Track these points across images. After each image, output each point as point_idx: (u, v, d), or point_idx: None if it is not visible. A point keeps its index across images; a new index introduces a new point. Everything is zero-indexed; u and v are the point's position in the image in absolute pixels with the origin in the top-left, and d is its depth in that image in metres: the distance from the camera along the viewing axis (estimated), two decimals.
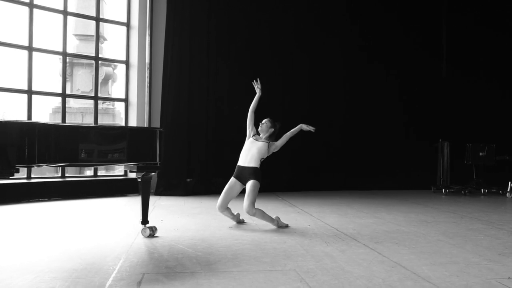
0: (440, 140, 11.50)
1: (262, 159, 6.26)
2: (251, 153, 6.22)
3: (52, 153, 4.23)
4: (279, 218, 6.17)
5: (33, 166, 4.21)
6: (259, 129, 6.41)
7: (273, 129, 6.38)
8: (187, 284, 3.51)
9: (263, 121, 6.40)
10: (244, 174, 6.15)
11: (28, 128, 4.08)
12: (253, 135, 6.39)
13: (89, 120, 12.78)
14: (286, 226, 6.15)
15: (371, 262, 4.25)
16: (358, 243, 5.09)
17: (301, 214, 7.35)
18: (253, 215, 5.92)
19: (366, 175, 11.71)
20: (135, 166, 5.28)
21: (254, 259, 4.32)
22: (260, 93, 6.55)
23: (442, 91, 12.40)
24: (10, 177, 4.23)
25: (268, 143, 6.27)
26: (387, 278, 3.73)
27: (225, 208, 6.23)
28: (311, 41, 11.57)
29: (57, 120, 11.43)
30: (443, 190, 11.02)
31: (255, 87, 6.62)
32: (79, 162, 4.54)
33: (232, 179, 6.28)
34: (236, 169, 6.31)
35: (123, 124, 10.99)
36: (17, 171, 4.13)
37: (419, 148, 12.03)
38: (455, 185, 11.22)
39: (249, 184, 6.03)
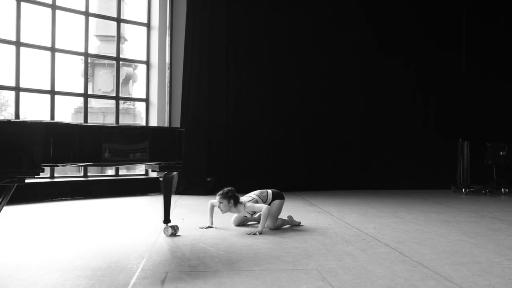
0: (460, 139, 11.40)
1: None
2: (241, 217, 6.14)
3: (76, 152, 4.29)
4: (291, 217, 6.19)
5: (58, 166, 4.27)
6: (221, 211, 5.85)
7: (231, 200, 5.79)
8: (210, 282, 3.54)
9: (217, 199, 5.82)
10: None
11: (53, 128, 4.14)
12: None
13: (110, 120, 12.91)
14: (299, 224, 6.17)
15: (393, 261, 4.24)
16: (379, 243, 5.08)
17: (321, 213, 7.35)
18: (277, 227, 5.91)
19: (385, 175, 11.66)
20: (157, 165, 5.33)
21: (275, 258, 4.34)
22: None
23: (462, 89, 12.28)
24: (35, 177, 4.31)
25: (247, 213, 5.88)
26: (409, 278, 3.72)
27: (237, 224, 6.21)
28: (328, 38, 11.55)
29: (79, 120, 11.58)
30: (463, 189, 10.92)
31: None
32: (103, 162, 4.60)
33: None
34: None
35: (143, 123, 11.09)
36: (42, 171, 4.20)
37: (439, 147, 11.93)
38: (475, 185, 11.11)
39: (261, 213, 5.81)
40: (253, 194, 6.00)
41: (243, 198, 5.93)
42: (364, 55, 11.74)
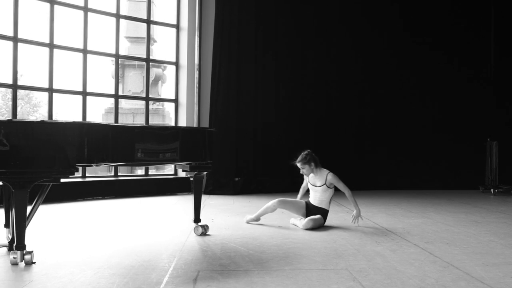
0: (489, 139, 11.26)
1: (332, 197, 6.23)
2: (318, 198, 6.19)
3: (110, 152, 4.38)
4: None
5: (91, 166, 4.36)
6: (304, 176, 6.29)
7: (313, 164, 6.13)
8: (242, 281, 3.58)
9: (299, 166, 6.13)
10: (313, 211, 6.16)
11: (87, 128, 4.23)
12: (308, 182, 6.30)
13: (139, 120, 13.07)
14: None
15: (423, 262, 4.23)
16: (408, 243, 5.06)
17: (349, 213, 7.33)
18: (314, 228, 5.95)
19: (413, 175, 11.58)
20: (188, 165, 5.40)
21: (305, 257, 4.36)
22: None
23: (490, 89, 12.12)
24: (70, 176, 4.41)
25: (325, 184, 6.12)
26: (440, 278, 3.71)
27: (274, 209, 6.25)
28: (360, 35, 11.56)
29: (110, 121, 11.74)
30: (492, 190, 10.78)
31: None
32: (135, 162, 4.67)
33: (303, 202, 6.29)
34: (307, 203, 6.29)
35: (172, 124, 11.21)
36: (77, 170, 4.30)
37: (467, 147, 11.83)
38: (504, 185, 10.97)
39: (316, 216, 6.03)
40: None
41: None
42: (391, 53, 11.71)
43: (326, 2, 11.35)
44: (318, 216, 6.03)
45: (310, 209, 6.19)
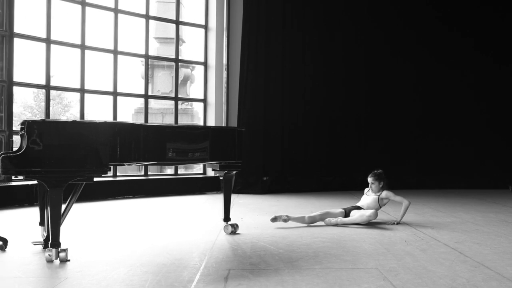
0: None
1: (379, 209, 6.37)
2: (366, 205, 6.35)
3: (142, 152, 4.45)
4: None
5: (124, 165, 4.43)
6: (371, 189, 6.48)
7: (382, 183, 6.40)
8: (272, 280, 3.61)
9: (370, 181, 6.44)
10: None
11: (119, 128, 4.31)
12: (367, 191, 6.54)
13: (168, 120, 13.18)
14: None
15: (453, 261, 4.20)
16: (438, 243, 5.03)
17: (380, 213, 7.30)
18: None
19: (441, 174, 11.46)
20: (218, 164, 5.45)
21: (335, 257, 4.37)
22: None
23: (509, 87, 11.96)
24: (103, 175, 4.49)
25: (378, 196, 6.33)
26: (471, 278, 3.69)
27: (311, 222, 6.25)
28: (393, 35, 11.52)
29: (140, 120, 11.88)
30: None
31: None
32: (166, 161, 4.74)
33: (341, 210, 6.33)
34: (345, 209, 6.35)
35: (201, 123, 11.30)
36: (110, 170, 4.38)
37: (495, 146, 11.67)
38: None
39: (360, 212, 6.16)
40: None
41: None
42: (437, 52, 11.68)
43: (356, 4, 11.32)
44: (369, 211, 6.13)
45: (348, 212, 6.26)
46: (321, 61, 11.02)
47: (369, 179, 6.42)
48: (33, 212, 6.82)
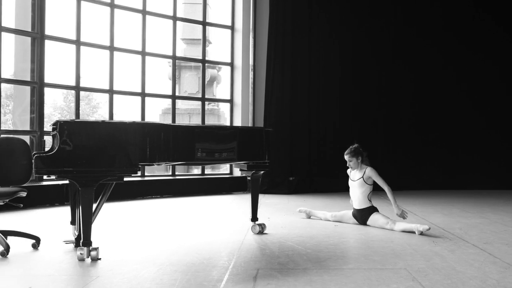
0: None
1: (370, 194, 6.08)
2: (356, 196, 6.12)
3: (171, 152, 4.50)
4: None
5: (153, 165, 4.48)
6: (349, 168, 6.22)
7: (360, 158, 6.09)
8: (301, 280, 3.62)
9: (346, 159, 6.11)
10: (360, 216, 6.13)
11: (149, 128, 4.36)
12: (349, 178, 6.27)
13: (195, 121, 13.28)
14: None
15: (483, 262, 4.17)
16: (466, 243, 4.99)
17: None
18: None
19: (468, 174, 11.33)
20: (245, 164, 5.48)
21: (363, 257, 4.36)
22: None
23: None
24: (134, 175, 4.55)
25: (362, 178, 6.02)
26: (501, 279, 3.65)
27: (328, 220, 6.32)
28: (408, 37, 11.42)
29: (167, 121, 11.98)
30: None
31: None
32: (195, 161, 4.78)
33: (350, 212, 6.27)
34: (353, 212, 6.25)
35: (227, 124, 11.35)
36: (139, 170, 4.44)
37: None
38: None
39: (373, 219, 6.01)
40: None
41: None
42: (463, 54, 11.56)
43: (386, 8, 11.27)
44: (375, 220, 5.98)
45: (356, 216, 6.17)
46: (347, 61, 10.99)
47: (346, 157, 6.08)
48: (64, 211, 6.94)
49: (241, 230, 5.70)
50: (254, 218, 5.58)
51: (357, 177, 6.07)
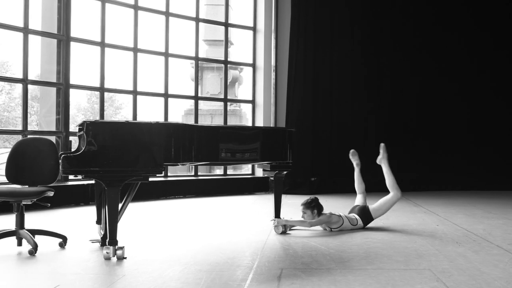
0: None
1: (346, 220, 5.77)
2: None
3: (195, 152, 4.54)
4: None
5: (178, 165, 4.52)
6: (305, 218, 5.75)
7: (315, 210, 5.66)
8: (325, 280, 3.64)
9: (301, 210, 5.73)
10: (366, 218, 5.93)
11: (174, 129, 4.41)
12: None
13: (217, 121, 13.34)
14: None
15: (507, 263, 4.14)
16: (490, 244, 4.95)
17: (427, 214, 7.25)
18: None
19: (490, 175, 11.21)
20: (269, 165, 5.51)
21: (386, 257, 4.36)
22: None
23: None
24: (157, 175, 4.60)
25: (325, 229, 5.74)
26: None
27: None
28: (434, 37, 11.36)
29: (190, 121, 12.05)
30: None
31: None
32: (219, 161, 4.82)
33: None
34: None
35: (249, 124, 11.38)
36: (164, 170, 4.49)
37: None
38: None
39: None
40: (342, 213, 5.84)
41: (329, 212, 5.79)
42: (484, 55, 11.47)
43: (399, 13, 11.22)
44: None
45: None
46: (370, 62, 10.96)
47: (301, 207, 5.74)
48: (89, 211, 7.04)
49: (264, 230, 5.73)
50: (278, 217, 5.60)
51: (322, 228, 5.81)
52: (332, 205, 8.14)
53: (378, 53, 11.05)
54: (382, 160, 6.33)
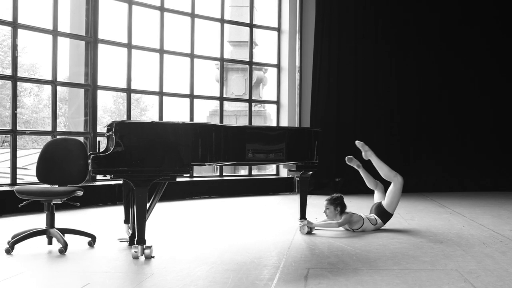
0: None
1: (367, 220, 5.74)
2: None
3: (222, 152, 4.59)
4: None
5: (205, 165, 4.56)
6: (327, 216, 5.80)
7: (338, 208, 5.70)
8: (352, 280, 3.64)
9: (324, 205, 5.77)
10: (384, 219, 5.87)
11: (201, 129, 4.45)
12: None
13: (242, 122, 13.38)
14: None
15: None
16: None
17: (453, 214, 7.19)
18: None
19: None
20: (294, 165, 5.53)
21: (413, 258, 4.35)
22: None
23: None
24: (184, 175, 4.65)
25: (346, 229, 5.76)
26: None
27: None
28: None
29: (215, 122, 12.13)
30: None
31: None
32: (245, 161, 4.86)
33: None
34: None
35: (274, 125, 11.40)
36: (192, 170, 4.53)
37: None
38: None
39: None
40: (363, 214, 5.81)
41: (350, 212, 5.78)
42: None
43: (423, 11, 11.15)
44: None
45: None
46: (395, 62, 10.89)
47: (324, 203, 5.77)
48: (117, 211, 7.14)
49: (290, 230, 5.75)
50: (303, 218, 5.62)
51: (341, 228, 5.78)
52: (357, 205, 8.10)
53: (403, 53, 10.96)
54: (367, 155, 6.16)
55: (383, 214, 5.79)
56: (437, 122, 11.12)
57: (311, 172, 5.67)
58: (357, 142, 6.21)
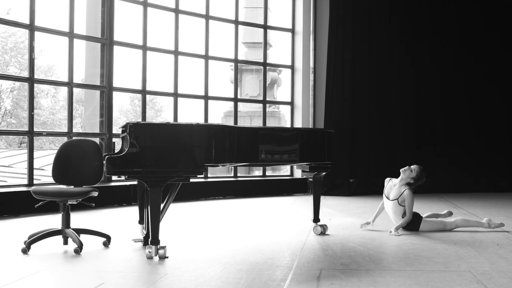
0: None
1: (404, 213, 5.74)
2: (390, 215, 5.87)
3: (236, 153, 4.61)
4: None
5: (218, 166, 4.60)
6: (388, 179, 5.98)
7: (413, 180, 5.78)
8: (364, 280, 3.65)
9: (406, 168, 5.83)
10: (407, 228, 5.85)
11: (215, 130, 4.49)
12: (384, 190, 5.99)
13: (256, 123, 13.43)
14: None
15: None
16: None
17: (467, 215, 7.13)
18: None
19: None
20: (308, 166, 5.54)
21: (426, 259, 4.34)
22: None
23: None
24: (198, 176, 4.68)
25: (397, 199, 5.72)
26: None
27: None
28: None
29: (229, 123, 12.18)
30: None
31: None
32: (259, 162, 4.88)
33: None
34: None
35: (288, 126, 11.42)
36: (205, 170, 4.57)
37: None
38: None
39: (424, 226, 5.84)
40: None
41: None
42: None
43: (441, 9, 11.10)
44: (425, 223, 5.82)
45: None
46: (409, 64, 10.85)
47: (406, 167, 5.79)
48: (131, 211, 7.20)
49: (303, 231, 5.76)
50: (316, 219, 5.63)
51: (392, 197, 5.77)
52: (371, 206, 8.11)
53: (419, 53, 10.92)
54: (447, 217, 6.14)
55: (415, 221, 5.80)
56: (453, 122, 11.04)
57: (324, 173, 5.68)
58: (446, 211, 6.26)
